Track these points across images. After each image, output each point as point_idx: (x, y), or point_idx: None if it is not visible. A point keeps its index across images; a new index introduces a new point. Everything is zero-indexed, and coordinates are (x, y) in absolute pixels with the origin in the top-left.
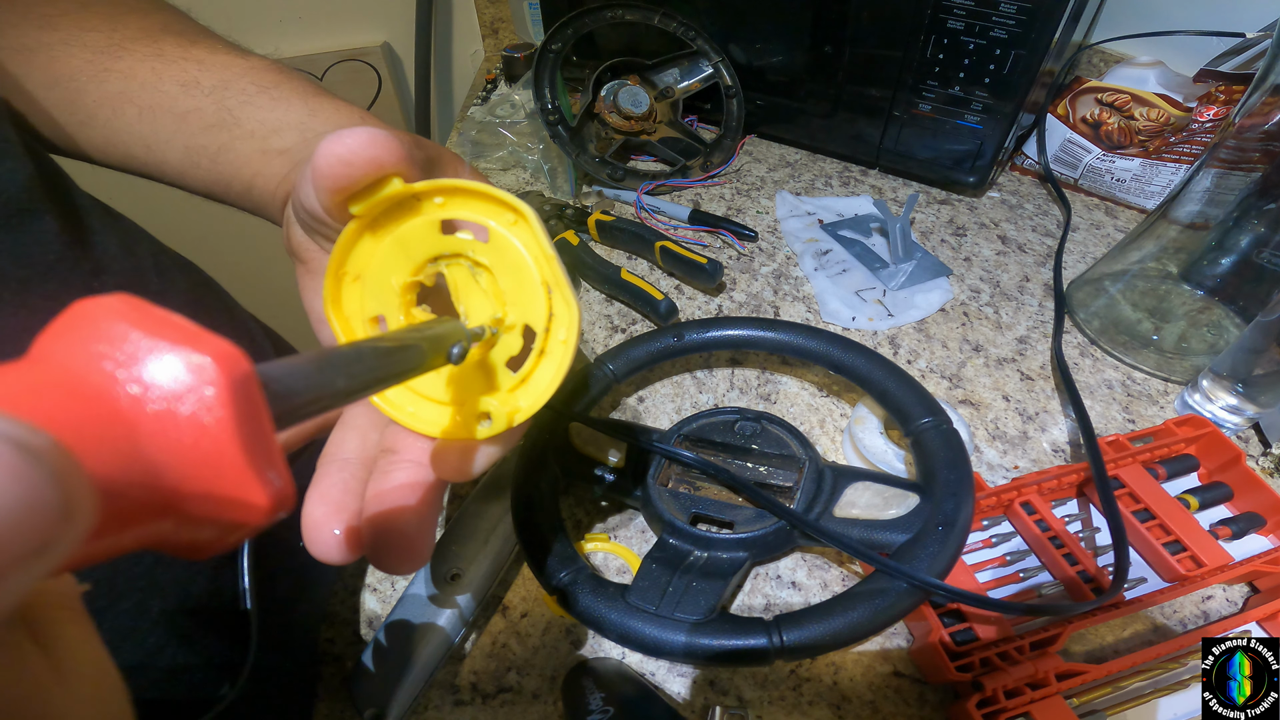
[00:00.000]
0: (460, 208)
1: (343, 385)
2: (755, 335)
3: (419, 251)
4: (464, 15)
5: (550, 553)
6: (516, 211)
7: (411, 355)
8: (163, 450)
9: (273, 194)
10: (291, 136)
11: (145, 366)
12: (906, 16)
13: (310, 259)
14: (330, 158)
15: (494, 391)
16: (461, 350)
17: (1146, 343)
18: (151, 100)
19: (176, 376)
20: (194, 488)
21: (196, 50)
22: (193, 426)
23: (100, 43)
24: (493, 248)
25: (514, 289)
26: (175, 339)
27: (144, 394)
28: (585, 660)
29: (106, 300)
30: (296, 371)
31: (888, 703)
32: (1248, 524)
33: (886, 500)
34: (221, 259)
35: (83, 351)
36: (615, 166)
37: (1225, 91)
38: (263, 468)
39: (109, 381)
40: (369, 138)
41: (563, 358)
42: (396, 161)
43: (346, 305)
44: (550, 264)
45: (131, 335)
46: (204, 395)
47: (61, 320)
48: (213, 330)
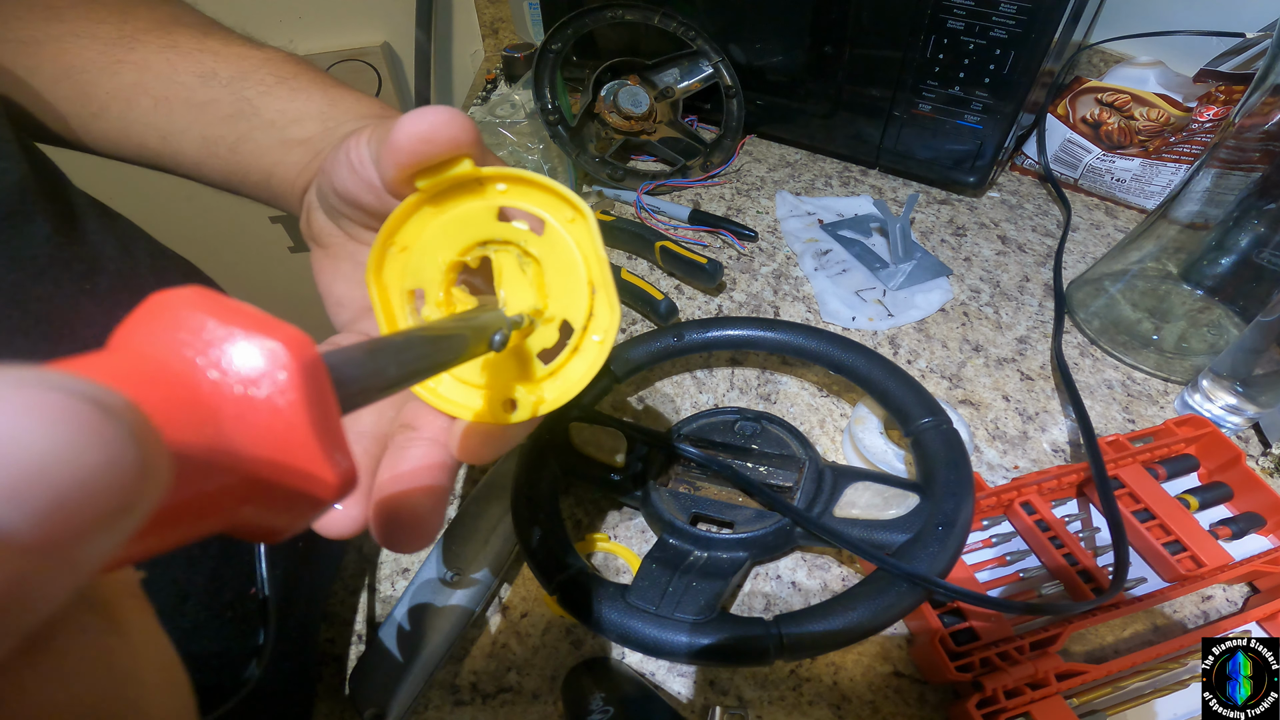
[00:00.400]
0: (521, 197)
1: (394, 373)
2: (755, 335)
3: (471, 233)
4: (464, 15)
5: (550, 553)
6: (576, 209)
7: (457, 343)
8: (241, 431)
9: (292, 183)
10: (312, 126)
11: (223, 352)
12: (906, 16)
13: (332, 244)
14: (412, 133)
15: (523, 380)
16: (503, 338)
17: (1146, 343)
18: (167, 91)
19: (252, 361)
20: (269, 468)
21: (211, 42)
22: (268, 408)
23: (111, 35)
24: (545, 241)
25: (559, 284)
26: (249, 326)
27: (223, 378)
28: (585, 660)
29: (181, 292)
30: (352, 359)
31: (888, 703)
32: (1248, 524)
33: (886, 500)
34: (219, 257)
35: (163, 340)
36: (615, 166)
37: (1225, 91)
38: (331, 448)
39: (190, 367)
40: (450, 116)
41: (596, 357)
42: (472, 142)
43: (387, 274)
44: (601, 266)
45: (209, 323)
46: (278, 379)
47: (139, 312)
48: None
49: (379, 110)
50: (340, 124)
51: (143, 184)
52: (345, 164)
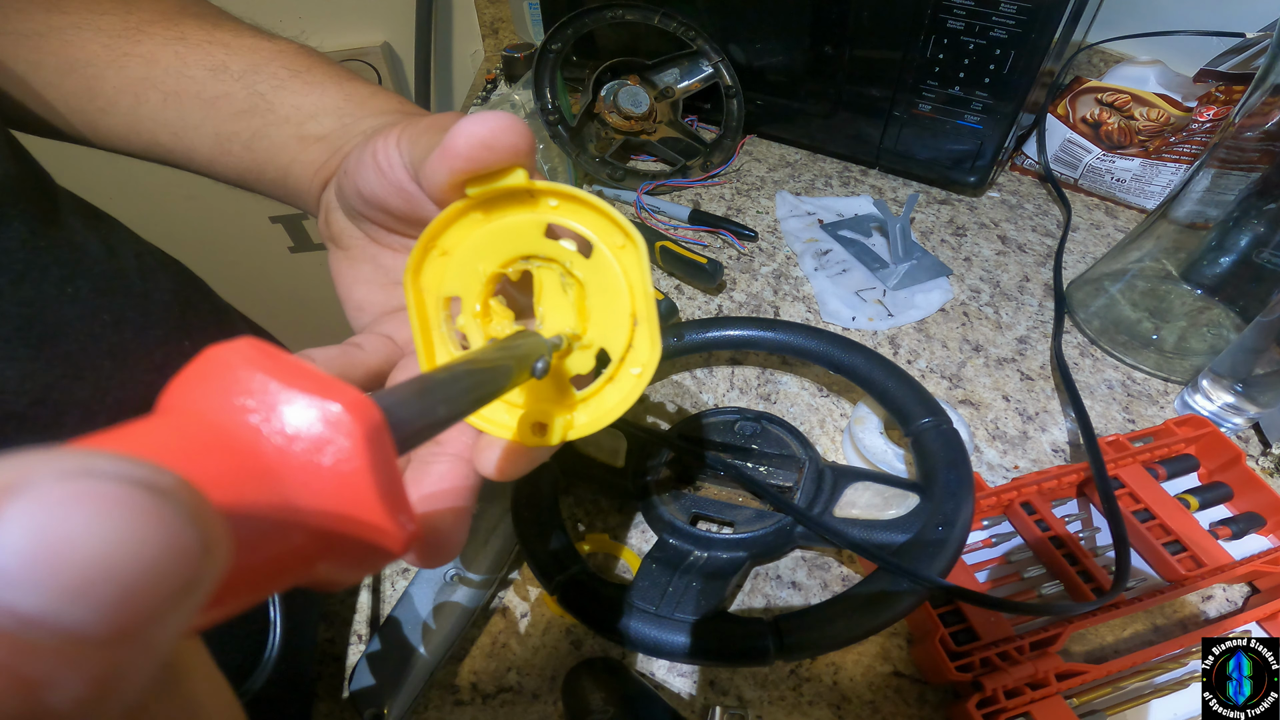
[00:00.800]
0: (572, 216)
1: (443, 413)
2: (755, 335)
3: (517, 246)
4: (464, 15)
5: (550, 553)
6: (628, 237)
7: (501, 375)
8: (306, 495)
9: (309, 181)
10: (329, 122)
11: (285, 416)
12: (906, 16)
13: (352, 246)
14: (472, 139)
15: (554, 402)
16: (545, 365)
17: (1146, 343)
18: (177, 86)
19: (315, 427)
20: (335, 530)
21: (220, 33)
22: (333, 475)
23: (115, 26)
24: (592, 265)
25: (601, 311)
26: (310, 388)
27: (286, 444)
28: (585, 660)
29: (237, 347)
30: (404, 403)
31: (888, 703)
32: (1248, 524)
33: (886, 500)
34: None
35: (221, 402)
36: (615, 166)
37: (1225, 91)
38: (395, 510)
39: (252, 433)
40: (511, 122)
41: (632, 389)
42: (529, 151)
43: (426, 278)
44: (646, 300)
45: (270, 385)
46: (342, 445)
47: (193, 369)
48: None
49: (397, 105)
50: (357, 120)
51: (142, 183)
52: (371, 166)
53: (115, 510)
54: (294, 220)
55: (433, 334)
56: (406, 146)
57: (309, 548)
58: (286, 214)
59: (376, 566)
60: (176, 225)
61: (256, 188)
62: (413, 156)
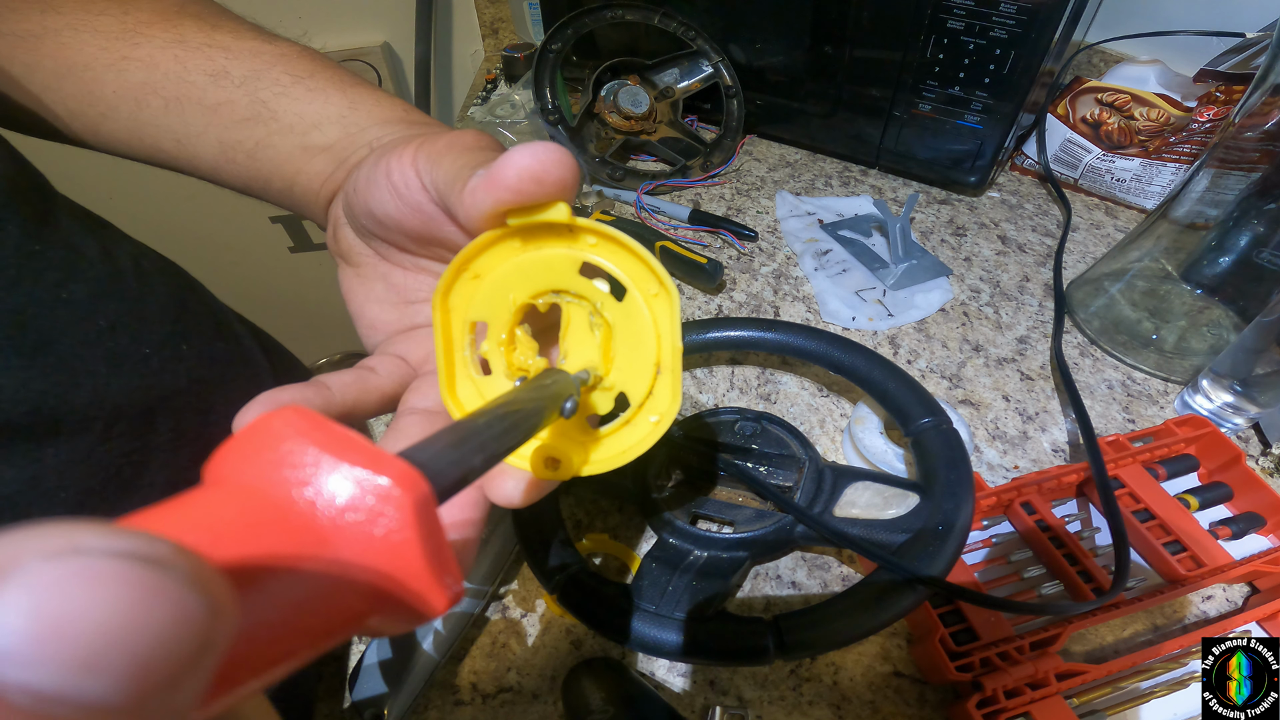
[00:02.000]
0: (610, 257)
1: (479, 462)
2: (755, 336)
3: (550, 279)
4: (464, 15)
5: (550, 552)
6: (662, 285)
7: (534, 417)
8: (356, 561)
9: (316, 193)
10: (333, 131)
11: (337, 491)
12: (906, 16)
13: (363, 263)
14: (523, 173)
15: (569, 438)
16: (574, 405)
17: (1146, 343)
18: (178, 92)
19: (366, 500)
20: (385, 594)
21: (220, 35)
22: (385, 545)
23: (113, 28)
24: (623, 309)
25: (626, 355)
26: (360, 462)
27: (339, 517)
28: (585, 660)
29: (287, 418)
30: (441, 456)
31: (888, 703)
32: (1248, 524)
33: (886, 500)
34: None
35: (274, 475)
36: (615, 166)
37: (1225, 91)
38: (442, 575)
39: (307, 506)
40: (561, 157)
41: (648, 435)
42: (575, 186)
43: (454, 299)
44: (674, 350)
45: (322, 460)
46: (393, 517)
47: (241, 440)
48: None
49: (402, 113)
50: (362, 129)
51: (141, 184)
52: (385, 186)
53: (110, 585)
54: (294, 220)
55: (455, 356)
56: (426, 166)
57: (361, 608)
58: (286, 214)
59: (421, 622)
60: (176, 226)
61: (263, 197)
62: (434, 178)
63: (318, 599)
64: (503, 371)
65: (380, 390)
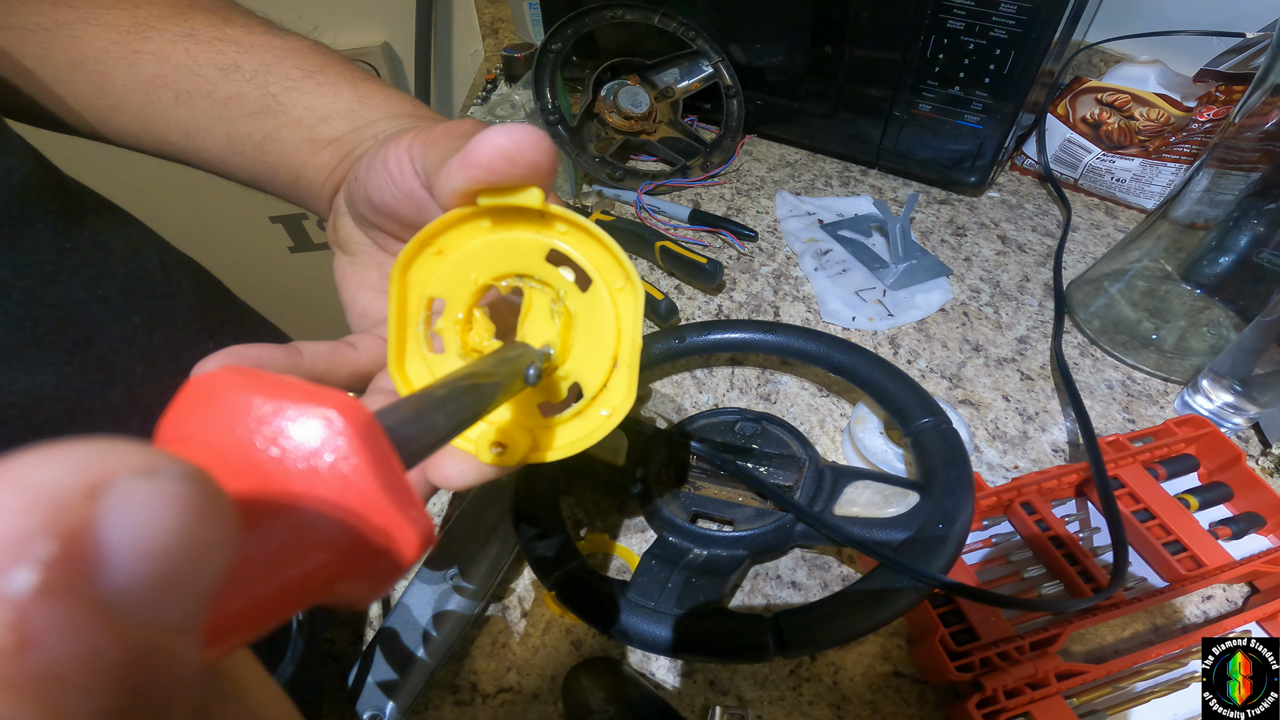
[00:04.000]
0: (578, 247)
1: (443, 425)
2: (755, 338)
3: (515, 262)
4: (464, 15)
5: (550, 552)
6: (629, 280)
7: (497, 387)
8: (314, 505)
9: (321, 185)
10: (341, 125)
11: (279, 429)
12: (906, 16)
13: (359, 252)
14: (496, 150)
15: (517, 424)
16: (537, 372)
17: (1146, 343)
18: (189, 85)
19: (309, 432)
20: (347, 536)
21: (231, 29)
22: (335, 476)
23: (124, 21)
24: (586, 300)
25: (584, 346)
26: (297, 398)
27: (285, 457)
28: (585, 660)
29: (219, 375)
30: (402, 417)
31: (888, 703)
32: (1248, 524)
33: (886, 498)
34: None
35: (217, 427)
36: (615, 166)
37: (1225, 91)
38: (405, 505)
39: (250, 451)
40: (537, 139)
41: (598, 428)
42: (550, 170)
43: (415, 273)
44: (633, 346)
45: (256, 402)
46: (338, 444)
47: (182, 402)
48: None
49: (410, 108)
50: (370, 123)
51: (141, 182)
52: (382, 173)
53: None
54: (294, 220)
55: (408, 330)
56: (419, 152)
57: (325, 558)
58: (287, 214)
59: (394, 572)
60: (176, 225)
61: (269, 189)
62: (425, 163)
63: (277, 550)
64: (456, 351)
65: (353, 365)
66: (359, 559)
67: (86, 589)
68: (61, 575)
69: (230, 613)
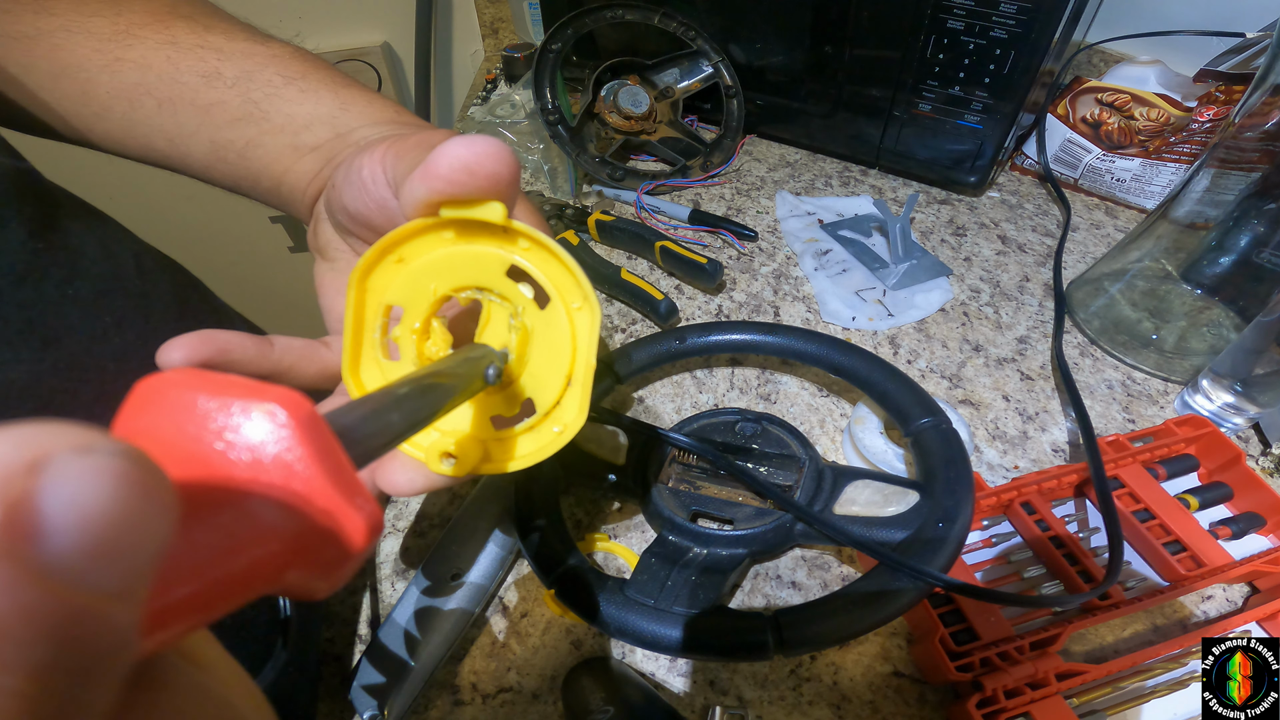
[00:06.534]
0: (539, 265)
1: (398, 422)
2: (755, 339)
3: (475, 276)
4: (464, 15)
5: (550, 551)
6: (586, 300)
7: (456, 386)
8: (261, 496)
9: (303, 191)
10: (323, 132)
11: (223, 424)
12: (906, 16)
13: (338, 258)
14: (455, 162)
15: (468, 434)
16: (496, 372)
17: (1146, 343)
18: (171, 92)
19: (253, 425)
20: (293, 526)
21: (213, 36)
22: (280, 467)
23: (105, 29)
24: (544, 317)
25: (539, 363)
26: (241, 394)
27: (230, 448)
28: (585, 660)
29: (168, 376)
30: (354, 413)
31: (888, 703)
32: (1248, 524)
33: (886, 498)
34: (219, 257)
35: (163, 425)
36: (615, 166)
37: (1225, 91)
38: (351, 494)
39: (196, 445)
40: (496, 150)
41: (548, 444)
42: (511, 181)
43: (374, 280)
44: (587, 366)
45: (201, 400)
46: (282, 436)
47: (131, 403)
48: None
49: (393, 114)
50: (352, 129)
51: (141, 183)
52: (357, 182)
53: (118, 480)
54: (294, 221)
55: (364, 336)
56: (391, 162)
57: (272, 547)
58: (286, 215)
59: (343, 561)
60: (175, 225)
61: (252, 195)
62: (395, 173)
63: (223, 538)
64: (412, 360)
65: (324, 363)
66: (306, 547)
67: (25, 552)
68: (1, 541)
69: (179, 597)
